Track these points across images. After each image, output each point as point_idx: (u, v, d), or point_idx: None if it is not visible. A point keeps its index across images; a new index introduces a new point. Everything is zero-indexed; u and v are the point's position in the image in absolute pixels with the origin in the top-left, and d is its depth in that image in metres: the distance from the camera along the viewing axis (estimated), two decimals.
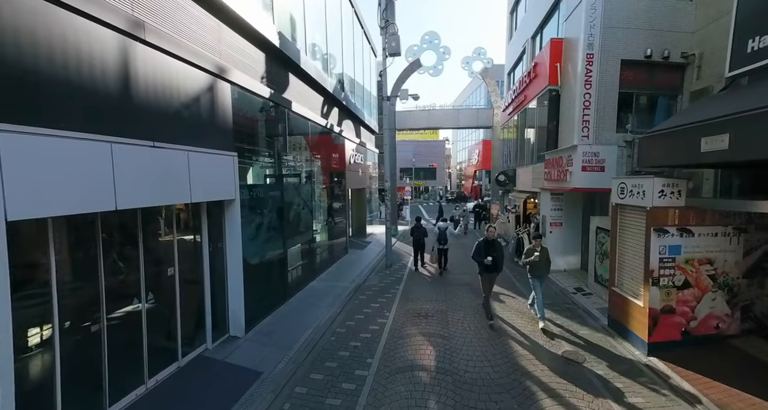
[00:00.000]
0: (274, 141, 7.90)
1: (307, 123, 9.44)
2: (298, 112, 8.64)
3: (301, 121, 9.08)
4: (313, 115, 9.76)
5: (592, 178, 8.91)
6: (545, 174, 10.59)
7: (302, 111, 8.91)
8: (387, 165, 10.66)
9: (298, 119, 8.87)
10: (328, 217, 11.59)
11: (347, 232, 13.62)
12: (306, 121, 9.35)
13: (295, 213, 8.90)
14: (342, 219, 13.03)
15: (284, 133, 8.26)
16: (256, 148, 7.20)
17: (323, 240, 11.61)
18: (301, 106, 8.86)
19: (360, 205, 16.41)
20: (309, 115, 9.40)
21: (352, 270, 10.76)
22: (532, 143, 12.72)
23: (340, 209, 12.96)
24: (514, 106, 14.75)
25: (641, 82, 9.20)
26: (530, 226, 11.77)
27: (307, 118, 9.31)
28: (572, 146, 9.01)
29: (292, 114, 8.47)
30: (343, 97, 12.38)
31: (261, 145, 7.42)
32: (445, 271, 10.60)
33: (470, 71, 16.11)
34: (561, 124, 10.64)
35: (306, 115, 9.20)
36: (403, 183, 47.91)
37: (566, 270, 10.49)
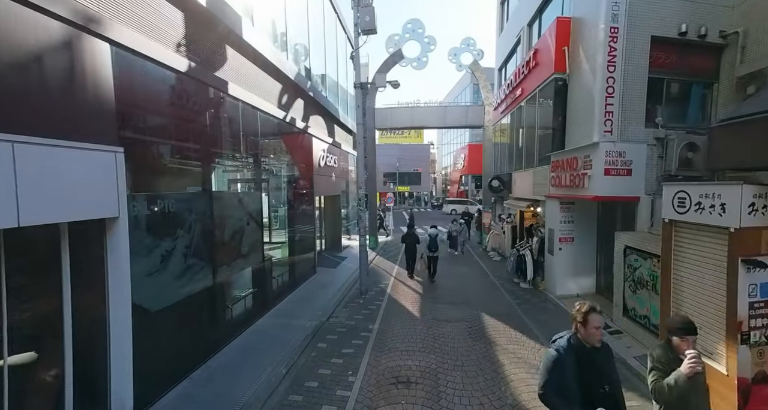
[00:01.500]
0: (200, 134, 5.77)
1: (255, 113, 7.34)
2: (239, 96, 6.56)
3: (245, 110, 6.98)
4: (266, 105, 7.69)
5: (616, 184, 7.10)
6: (552, 179, 8.74)
7: (246, 96, 6.82)
8: (360, 167, 8.64)
9: (240, 107, 6.78)
10: (288, 231, 9.45)
11: (316, 248, 11.47)
12: (254, 110, 7.26)
13: (235, 231, 6.74)
14: (309, 232, 10.89)
15: (217, 123, 6.15)
16: (164, 142, 5.05)
17: (281, 260, 9.47)
18: (244, 91, 6.78)
19: (334, 214, 14.30)
20: (259, 104, 7.33)
21: (318, 298, 8.62)
22: (532, 143, 10.90)
23: (307, 220, 10.82)
24: (509, 102, 12.97)
25: (673, 66, 7.48)
26: (532, 241, 9.91)
27: (255, 107, 7.22)
28: (592, 144, 7.17)
29: (230, 99, 6.38)
30: (310, 87, 10.32)
31: (174, 137, 5.27)
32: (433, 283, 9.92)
33: (458, 64, 14.34)
34: (569, 119, 8.86)
35: (254, 103, 7.12)
36: (386, 188, 46.12)
37: (579, 295, 8.62)
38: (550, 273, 8.96)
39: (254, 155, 7.59)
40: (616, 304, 7.09)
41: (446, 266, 11.81)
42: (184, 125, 5.41)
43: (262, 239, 7.77)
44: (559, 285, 8.57)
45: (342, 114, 14.49)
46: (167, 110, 5.02)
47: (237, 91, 6.52)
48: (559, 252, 8.59)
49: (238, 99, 6.60)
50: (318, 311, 7.69)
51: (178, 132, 5.34)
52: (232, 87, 6.34)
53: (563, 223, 8.57)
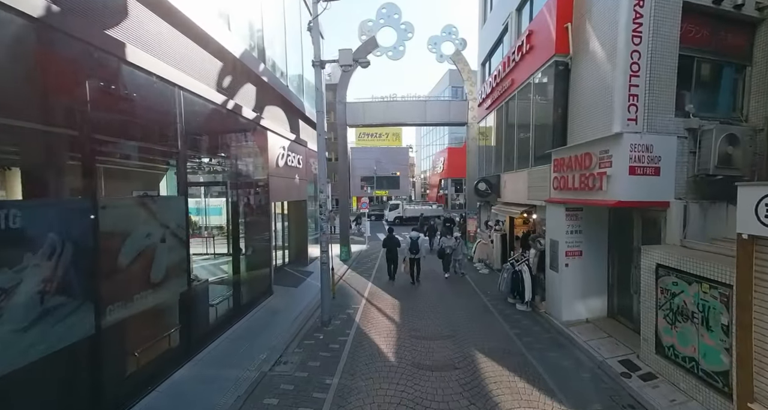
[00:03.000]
0: (76, 113, 3.91)
1: (175, 92, 5.48)
2: (148, 68, 4.73)
3: (162, 88, 5.14)
4: (196, 85, 5.85)
5: (642, 186, 5.64)
6: (556, 180, 7.25)
7: (162, 70, 4.99)
8: (321, 166, 6.88)
9: (151, 83, 4.94)
10: (233, 245, 7.58)
11: (273, 263, 9.58)
12: (174, 88, 5.40)
13: (140, 252, 4.86)
14: (264, 244, 9.02)
15: (107, 101, 4.30)
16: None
17: (222, 282, 7.62)
18: (159, 63, 4.96)
19: (300, 222, 12.43)
20: (184, 82, 5.50)
21: (267, 331, 6.76)
22: (526, 140, 9.45)
23: (260, 230, 8.95)
24: (496, 96, 11.54)
25: (703, 43, 6.15)
26: (530, 253, 8.39)
27: (175, 84, 5.38)
28: (612, 136, 5.70)
29: (133, 70, 4.54)
30: (264, 71, 8.50)
31: (25, 115, 3.40)
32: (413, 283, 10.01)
33: (439, 54, 12.85)
34: (573, 109, 7.46)
35: (174, 79, 5.28)
36: (364, 193, 44.35)
37: (589, 319, 7.13)
38: (553, 293, 7.44)
39: (177, 149, 5.71)
40: (645, 338, 5.59)
41: (429, 283, 10.15)
42: (44, 98, 3.55)
43: (187, 259, 5.87)
44: (565, 309, 7.05)
45: (309, 109, 12.70)
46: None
47: (145, 60, 4.67)
48: (565, 269, 7.08)
49: (146, 71, 4.76)
50: (263, 353, 5.83)
51: (30, 107, 3.47)
52: (134, 53, 4.50)
53: (570, 234, 7.08)
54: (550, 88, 8.04)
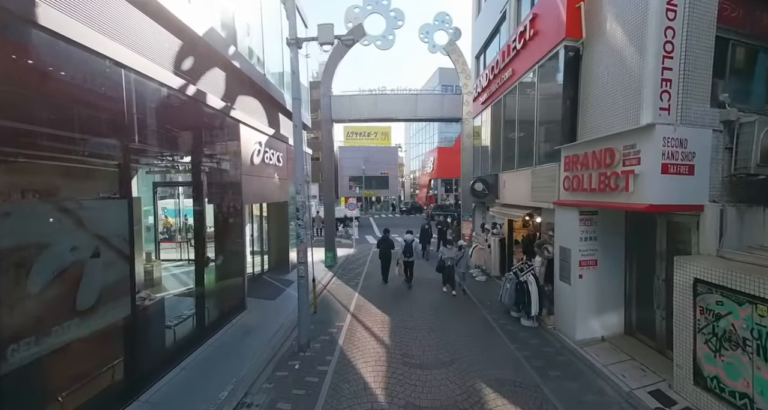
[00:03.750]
0: None
1: (121, 73, 4.44)
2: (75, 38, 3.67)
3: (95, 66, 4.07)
4: (144, 64, 4.80)
5: (675, 187, 4.79)
6: (567, 180, 6.39)
7: (94, 42, 3.92)
8: (298, 162, 5.86)
9: (82, 58, 3.87)
10: (197, 255, 6.52)
11: (246, 273, 8.52)
12: (118, 68, 4.36)
13: (58, 272, 3.80)
14: (235, 252, 7.96)
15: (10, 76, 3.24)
16: None
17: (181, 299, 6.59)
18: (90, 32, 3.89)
19: (281, 225, 11.37)
20: (127, 59, 4.45)
21: (234, 357, 5.72)
22: (529, 136, 8.60)
23: (231, 236, 7.89)
24: (494, 88, 10.68)
25: (739, 24, 5.34)
26: (535, 261, 7.53)
27: (119, 63, 4.34)
28: (642, 128, 4.83)
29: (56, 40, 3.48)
30: (234, 54, 7.43)
31: None
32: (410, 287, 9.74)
33: (431, 44, 11.92)
34: (585, 100, 6.63)
35: (113, 55, 4.23)
36: (352, 193, 43.29)
37: (605, 338, 6.30)
38: (564, 308, 6.59)
39: (119, 141, 4.66)
40: (679, 365, 4.75)
41: (423, 293, 9.22)
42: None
43: (130, 276, 4.81)
44: (579, 327, 6.20)
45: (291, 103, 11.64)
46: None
47: (68, 27, 3.62)
48: (579, 281, 6.22)
49: (72, 41, 3.69)
50: (225, 389, 4.80)
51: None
52: (50, 15, 3.44)
53: (584, 241, 6.23)
54: (557, 77, 7.20)
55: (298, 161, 5.88)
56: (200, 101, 6.24)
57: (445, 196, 45.04)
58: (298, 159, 5.87)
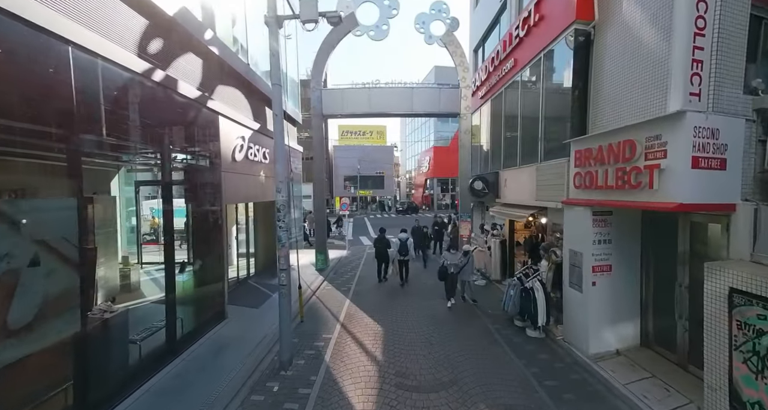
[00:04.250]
0: None
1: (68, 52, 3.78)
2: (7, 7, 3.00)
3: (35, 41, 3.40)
4: (98, 42, 4.14)
5: (707, 183, 4.21)
6: (578, 177, 5.79)
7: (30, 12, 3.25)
8: (279, 157, 5.20)
9: (15, 31, 3.21)
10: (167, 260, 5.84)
11: (227, 278, 7.85)
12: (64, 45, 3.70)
13: None
14: (214, 257, 7.30)
15: None
16: None
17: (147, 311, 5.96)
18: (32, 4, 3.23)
19: (269, 226, 10.69)
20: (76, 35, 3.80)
21: (205, 378, 5.06)
22: (533, 130, 8.01)
23: (209, 240, 7.23)
24: (494, 81, 10.09)
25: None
26: (540, 265, 6.93)
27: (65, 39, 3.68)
28: (670, 116, 4.23)
29: None
30: (212, 40, 6.76)
31: None
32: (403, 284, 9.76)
33: (428, 35, 11.32)
34: (597, 89, 6.04)
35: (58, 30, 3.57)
36: (347, 192, 42.62)
37: (620, 351, 5.71)
38: (575, 318, 5.99)
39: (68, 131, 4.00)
40: (711, 387, 4.16)
41: (421, 300, 8.60)
42: None
43: (82, 287, 4.14)
44: (593, 339, 5.60)
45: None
46: None
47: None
48: (592, 289, 5.62)
49: None
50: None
51: None
52: None
53: (598, 244, 5.63)
54: (566, 64, 6.61)
55: (278, 155, 5.23)
56: (170, 88, 5.58)
57: (441, 196, 44.54)
58: (279, 153, 5.22)
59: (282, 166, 5.17)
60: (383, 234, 10.37)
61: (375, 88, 11.34)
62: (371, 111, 11.25)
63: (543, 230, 8.35)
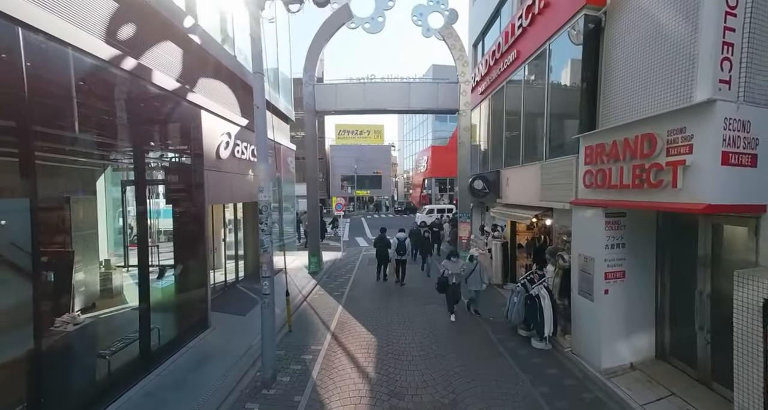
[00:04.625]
0: None
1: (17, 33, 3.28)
2: None
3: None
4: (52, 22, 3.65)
5: (736, 182, 3.74)
6: (588, 175, 5.33)
7: None
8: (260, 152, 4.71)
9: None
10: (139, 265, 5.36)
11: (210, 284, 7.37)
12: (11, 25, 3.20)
13: None
14: (196, 262, 6.81)
15: None
16: None
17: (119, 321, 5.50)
18: None
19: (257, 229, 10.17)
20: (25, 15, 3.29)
21: (177, 399, 4.57)
22: (537, 126, 7.56)
23: (190, 243, 6.75)
24: (495, 75, 9.64)
25: None
26: (546, 270, 6.47)
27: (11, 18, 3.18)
28: (697, 105, 3.76)
29: None
30: (193, 28, 6.28)
31: None
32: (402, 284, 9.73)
33: (425, 28, 10.81)
34: (607, 79, 5.60)
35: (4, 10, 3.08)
36: (344, 192, 42.14)
37: (634, 365, 5.25)
38: (585, 329, 5.53)
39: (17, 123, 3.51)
40: (743, 408, 3.70)
41: (417, 306, 8.13)
42: None
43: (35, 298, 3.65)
44: (605, 352, 5.14)
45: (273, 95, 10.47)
46: None
47: None
48: (604, 298, 5.16)
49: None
50: None
51: None
52: None
53: (610, 248, 5.17)
54: (574, 54, 6.16)
55: (260, 151, 4.74)
56: (143, 78, 5.09)
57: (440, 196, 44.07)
58: (261, 149, 4.73)
59: (264, 163, 4.69)
60: (383, 233, 10.37)
61: (370, 83, 10.86)
62: (366, 107, 10.77)
63: (547, 232, 7.90)
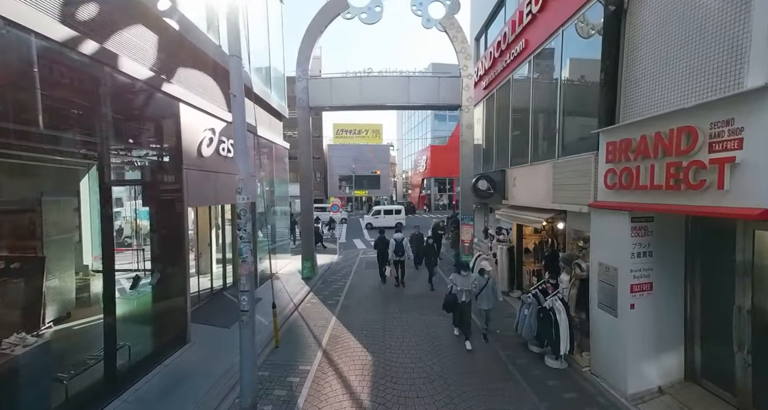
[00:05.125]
0: None
1: None
2: None
3: None
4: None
5: None
6: (611, 174, 4.75)
7: None
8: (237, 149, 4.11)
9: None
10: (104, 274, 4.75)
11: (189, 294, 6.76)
12: None
13: None
14: (174, 269, 6.20)
15: None
16: None
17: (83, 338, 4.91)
18: None
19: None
20: None
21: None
22: (550, 121, 6.97)
23: (167, 249, 6.15)
24: (500, 68, 9.04)
25: None
26: (561, 280, 5.87)
27: None
28: (752, 91, 3.16)
29: None
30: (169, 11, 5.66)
31: None
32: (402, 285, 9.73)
33: (426, 18, 10.22)
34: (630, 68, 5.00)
35: None
36: (342, 193, 41.51)
37: (663, 388, 4.65)
38: (607, 347, 4.94)
39: None
40: None
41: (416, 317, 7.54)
42: None
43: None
44: (631, 375, 4.55)
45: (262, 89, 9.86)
46: None
47: None
48: (630, 313, 4.57)
49: None
50: None
51: None
52: None
53: (637, 257, 4.58)
54: (591, 42, 5.57)
55: (237, 146, 4.14)
56: (108, 65, 4.48)
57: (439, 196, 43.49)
58: (238, 142, 4.13)
59: (243, 159, 4.09)
60: (383, 234, 10.33)
61: (367, 77, 10.25)
62: (363, 102, 10.16)
63: (555, 235, 7.33)
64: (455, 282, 6.31)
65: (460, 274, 6.31)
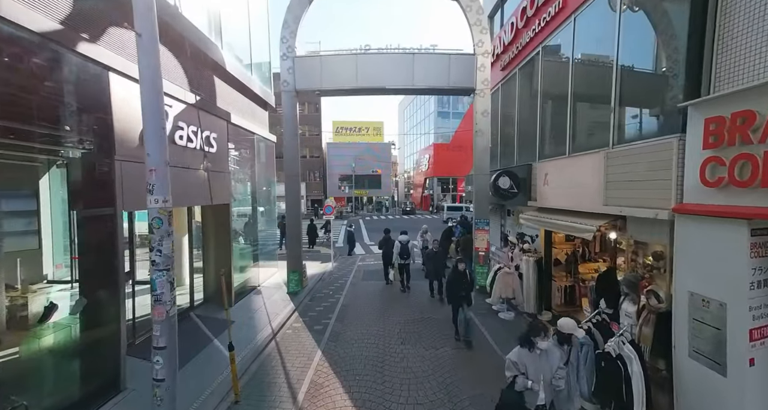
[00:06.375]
0: None
1: None
2: None
3: None
4: None
5: None
6: (715, 166, 3.19)
7: None
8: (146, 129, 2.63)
9: None
10: None
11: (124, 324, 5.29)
12: None
13: None
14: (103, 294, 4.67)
15: None
16: None
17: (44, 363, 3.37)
18: None
19: (221, 238, 8.01)
20: None
21: None
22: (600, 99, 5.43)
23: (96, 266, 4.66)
24: (527, 38, 7.49)
25: None
26: (625, 310, 4.31)
27: None
28: None
29: None
30: None
31: None
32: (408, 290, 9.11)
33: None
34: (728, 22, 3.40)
35: None
36: (341, 193, 39.98)
37: None
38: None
39: None
40: None
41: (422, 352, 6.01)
42: None
43: None
44: None
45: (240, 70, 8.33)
46: None
47: None
48: (749, 371, 3.03)
49: None
50: None
51: None
52: None
53: (758, 288, 3.03)
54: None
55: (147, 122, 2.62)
56: (30, 33, 2.96)
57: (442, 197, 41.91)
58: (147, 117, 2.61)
59: (155, 141, 2.57)
60: (388, 235, 10.03)
61: (364, 54, 8.70)
62: (359, 85, 8.57)
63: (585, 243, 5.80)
64: (519, 363, 3.41)
65: (534, 351, 3.40)
